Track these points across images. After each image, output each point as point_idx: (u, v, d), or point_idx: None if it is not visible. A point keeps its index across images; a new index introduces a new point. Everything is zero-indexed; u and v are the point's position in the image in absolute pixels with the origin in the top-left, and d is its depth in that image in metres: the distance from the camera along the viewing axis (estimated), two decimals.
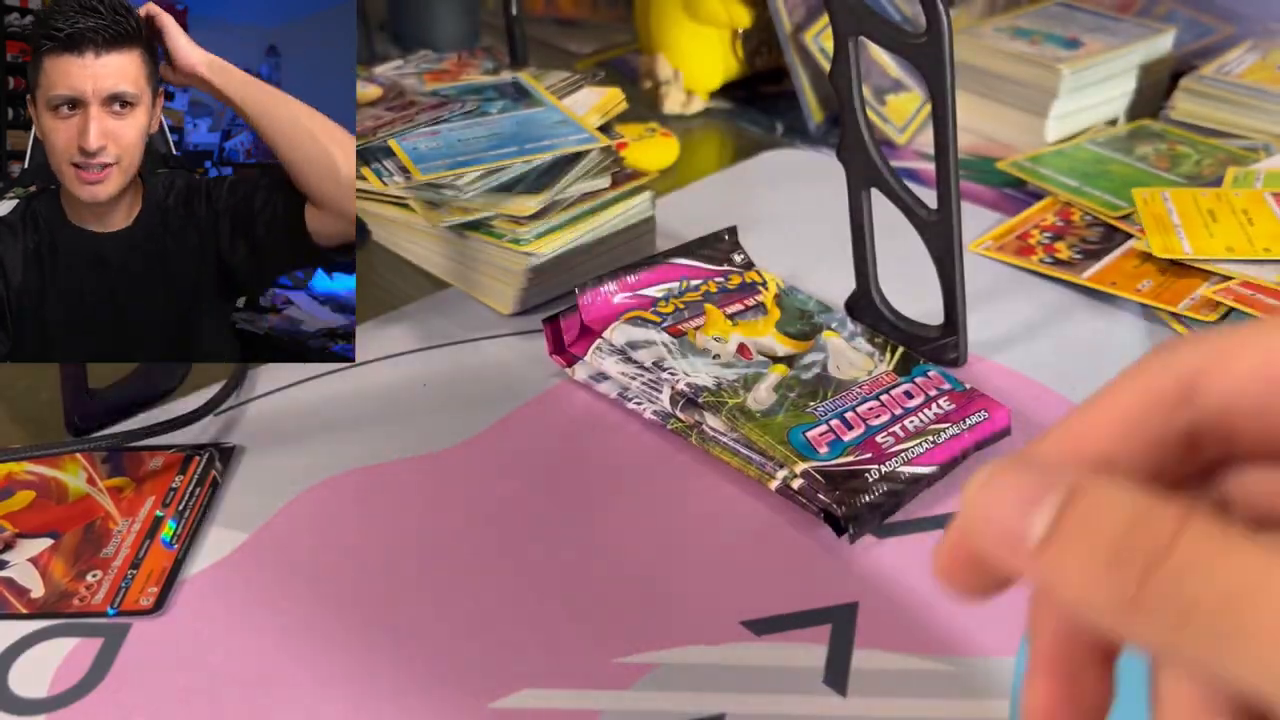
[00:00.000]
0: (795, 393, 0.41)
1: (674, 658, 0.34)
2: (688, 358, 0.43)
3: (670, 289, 0.47)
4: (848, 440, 0.39)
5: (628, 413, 0.43)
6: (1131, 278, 0.52)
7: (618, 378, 0.43)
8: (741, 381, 0.42)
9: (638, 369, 0.43)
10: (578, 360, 0.45)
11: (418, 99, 0.59)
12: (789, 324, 0.46)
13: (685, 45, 0.75)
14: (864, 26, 0.42)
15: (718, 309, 0.46)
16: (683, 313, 0.45)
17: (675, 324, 0.45)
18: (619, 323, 0.44)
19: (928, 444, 0.39)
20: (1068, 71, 0.66)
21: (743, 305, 0.46)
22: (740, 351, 0.44)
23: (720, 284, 0.48)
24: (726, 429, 0.40)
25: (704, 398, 0.41)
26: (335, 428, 0.44)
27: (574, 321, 0.46)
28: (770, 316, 0.46)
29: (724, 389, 0.41)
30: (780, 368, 0.43)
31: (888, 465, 0.38)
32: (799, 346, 0.45)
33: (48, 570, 0.37)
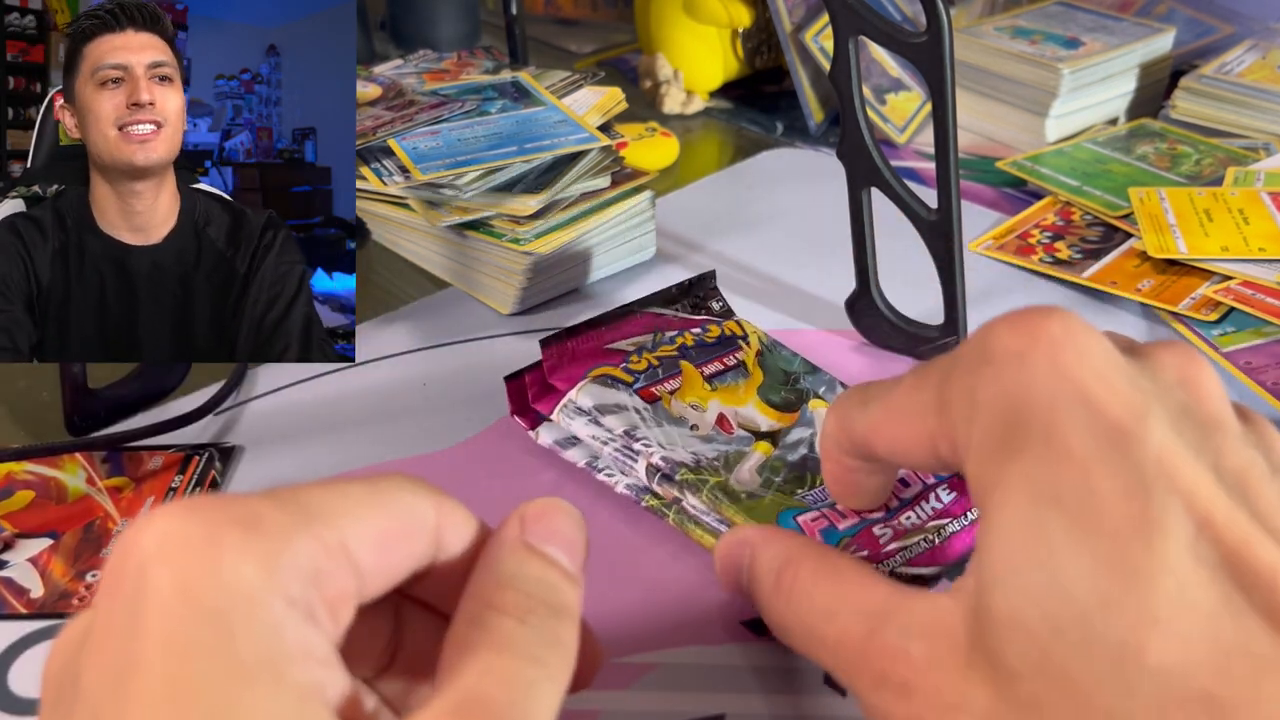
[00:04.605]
0: (781, 476, 0.37)
1: (674, 658, 0.34)
2: (663, 426, 0.39)
3: (642, 342, 0.43)
4: (842, 530, 0.35)
5: (598, 486, 0.39)
6: (1132, 277, 0.52)
7: (589, 442, 0.39)
8: (723, 460, 0.38)
9: (609, 434, 0.39)
10: (543, 421, 0.41)
11: (417, 99, 0.59)
12: (772, 390, 0.41)
13: (685, 45, 0.75)
14: (864, 26, 0.42)
15: (695, 369, 0.42)
16: (656, 370, 0.41)
17: (648, 385, 0.41)
18: (586, 381, 0.40)
19: (927, 542, 0.35)
20: (1068, 71, 0.66)
21: (722, 365, 0.42)
22: (719, 423, 0.40)
23: (697, 336, 0.43)
24: (709, 508, 0.36)
25: (681, 475, 0.37)
26: (335, 428, 0.44)
27: (538, 377, 0.42)
28: (752, 380, 0.42)
29: (704, 467, 0.37)
30: (764, 446, 0.39)
31: (885, 565, 0.34)
32: (784, 419, 0.40)
33: (47, 570, 0.37)
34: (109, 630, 0.19)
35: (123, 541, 0.20)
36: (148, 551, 0.19)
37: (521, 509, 0.25)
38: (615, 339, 0.43)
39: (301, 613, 0.20)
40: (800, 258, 0.56)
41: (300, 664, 0.19)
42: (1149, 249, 0.53)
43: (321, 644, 0.20)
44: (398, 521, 0.22)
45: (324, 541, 0.21)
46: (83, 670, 0.19)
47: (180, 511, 0.20)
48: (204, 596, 0.19)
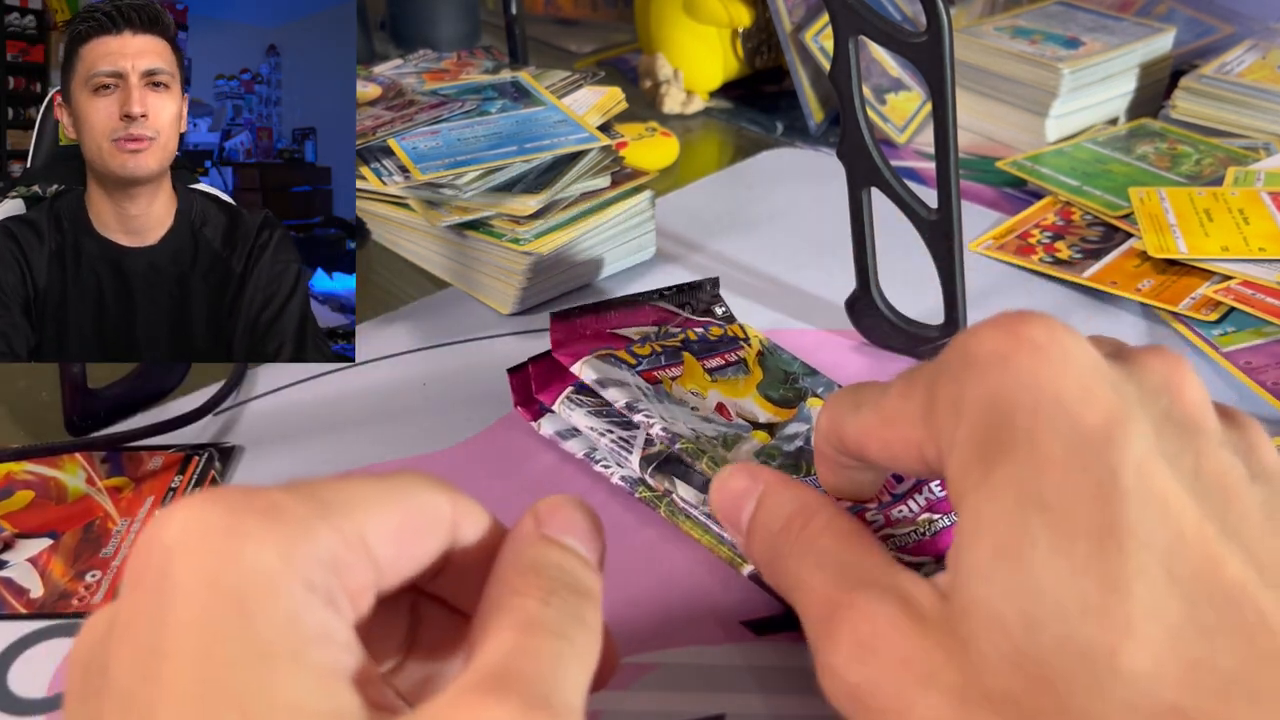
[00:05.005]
0: (776, 463, 0.38)
1: (674, 658, 0.34)
2: (664, 403, 0.39)
3: (647, 333, 0.44)
4: None
5: (599, 484, 0.40)
6: (1132, 277, 0.52)
7: (587, 433, 0.40)
8: (721, 440, 0.38)
9: (608, 425, 0.39)
10: (546, 412, 0.42)
11: (417, 98, 0.59)
12: (771, 387, 0.42)
13: (685, 45, 0.75)
14: (864, 26, 0.42)
15: (696, 360, 0.42)
16: (659, 357, 0.42)
17: (650, 369, 0.41)
18: (590, 357, 0.41)
19: (917, 535, 0.35)
20: (1068, 71, 0.66)
21: (723, 360, 0.43)
22: (719, 410, 0.40)
23: (700, 334, 0.44)
24: (698, 501, 0.37)
25: (682, 444, 0.37)
26: (335, 428, 0.44)
27: (541, 369, 0.42)
28: (752, 377, 0.42)
29: (703, 440, 0.38)
30: (762, 435, 0.39)
31: None
32: (782, 414, 0.41)
33: (47, 570, 0.37)
34: (135, 619, 0.20)
35: (147, 533, 0.20)
36: (171, 542, 0.20)
37: (535, 506, 0.25)
38: (622, 325, 0.44)
39: (321, 598, 0.20)
40: (800, 258, 0.56)
41: (320, 646, 0.19)
42: (1149, 249, 0.53)
43: (341, 628, 0.20)
44: (414, 516, 0.23)
45: (343, 533, 0.21)
46: (111, 659, 0.20)
47: (202, 502, 0.20)
48: (227, 583, 0.19)
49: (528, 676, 0.20)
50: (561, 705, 0.20)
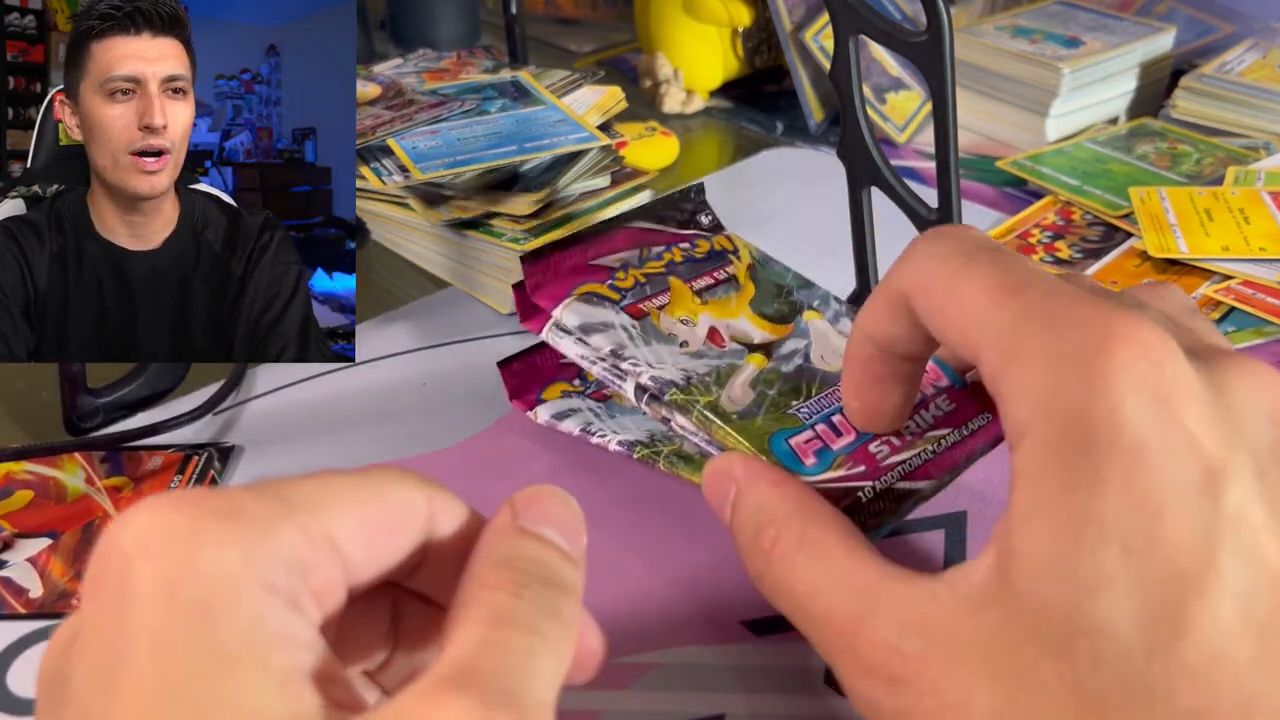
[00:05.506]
0: (775, 389, 0.36)
1: (674, 658, 0.34)
2: (651, 345, 0.37)
3: (628, 258, 0.41)
4: (837, 449, 0.33)
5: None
6: (1132, 277, 0.52)
7: (578, 361, 0.39)
8: (714, 376, 0.36)
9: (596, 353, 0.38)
10: (540, 402, 0.42)
11: (417, 98, 0.59)
12: (765, 303, 0.40)
13: (685, 44, 0.75)
14: (864, 25, 0.42)
15: (684, 284, 0.40)
16: (644, 287, 0.40)
17: (635, 302, 0.39)
18: (571, 299, 0.38)
19: (925, 454, 0.33)
20: (1068, 70, 0.66)
21: (712, 279, 0.41)
22: (711, 337, 0.38)
23: (686, 252, 0.42)
24: (698, 429, 0.35)
25: (671, 395, 0.35)
26: (335, 427, 0.44)
27: (532, 362, 0.42)
28: (744, 293, 0.40)
29: (694, 385, 0.36)
30: (758, 358, 0.37)
31: (883, 481, 0.33)
32: (777, 331, 0.39)
33: (46, 570, 0.37)
34: (95, 628, 0.19)
35: (104, 538, 0.20)
36: (129, 547, 0.19)
37: (513, 498, 0.25)
38: (600, 254, 0.41)
39: (283, 600, 0.20)
40: (800, 257, 0.56)
41: (282, 648, 0.19)
42: (1149, 249, 0.53)
43: (304, 629, 0.20)
44: (386, 512, 0.22)
45: (307, 532, 0.21)
46: (72, 669, 0.19)
47: (159, 506, 0.20)
48: (186, 589, 0.19)
49: (491, 672, 0.20)
50: (530, 701, 0.20)
